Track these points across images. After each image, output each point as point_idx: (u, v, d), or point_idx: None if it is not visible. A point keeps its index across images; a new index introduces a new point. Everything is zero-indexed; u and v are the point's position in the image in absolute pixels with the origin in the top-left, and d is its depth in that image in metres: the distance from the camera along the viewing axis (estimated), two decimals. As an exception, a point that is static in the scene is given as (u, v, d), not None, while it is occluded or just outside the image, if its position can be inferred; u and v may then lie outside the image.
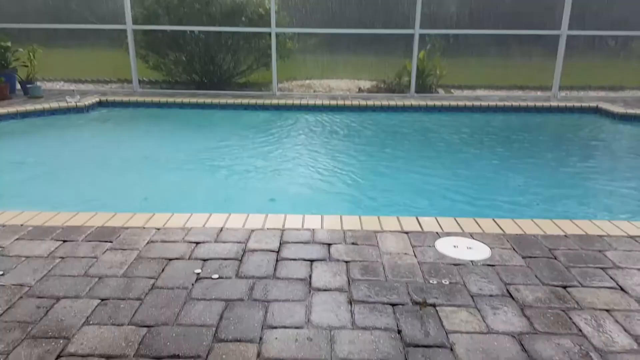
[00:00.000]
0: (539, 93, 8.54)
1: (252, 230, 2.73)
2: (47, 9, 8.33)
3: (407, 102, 7.44)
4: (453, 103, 7.42)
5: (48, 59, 7.85)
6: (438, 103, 7.42)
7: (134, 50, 7.94)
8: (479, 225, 2.83)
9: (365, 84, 8.84)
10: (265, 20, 7.89)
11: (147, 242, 2.57)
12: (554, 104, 7.44)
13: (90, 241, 2.59)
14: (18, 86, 7.53)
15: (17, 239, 2.61)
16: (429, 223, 2.86)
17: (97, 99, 7.17)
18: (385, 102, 7.43)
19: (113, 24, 7.95)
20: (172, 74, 8.64)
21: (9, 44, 7.34)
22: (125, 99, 7.32)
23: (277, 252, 2.47)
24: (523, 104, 7.42)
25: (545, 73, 8.15)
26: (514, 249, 2.54)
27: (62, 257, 2.40)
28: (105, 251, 2.47)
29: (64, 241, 2.58)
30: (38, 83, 7.48)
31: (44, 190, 4.05)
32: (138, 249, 2.50)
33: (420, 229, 2.78)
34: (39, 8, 8.31)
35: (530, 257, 2.46)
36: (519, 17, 8.31)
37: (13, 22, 7.94)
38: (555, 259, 2.44)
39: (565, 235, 2.72)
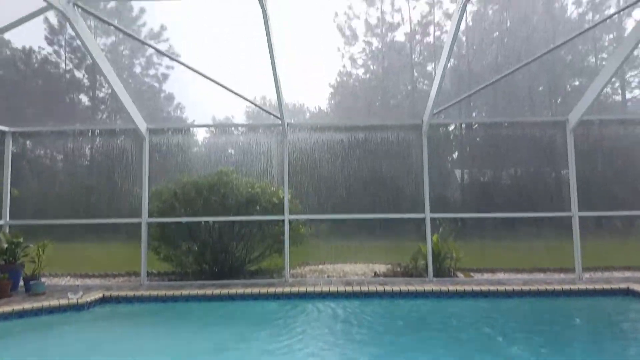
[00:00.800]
0: (562, 275, 8.21)
1: None
2: (63, 204, 8.70)
3: (427, 287, 7.04)
4: (476, 288, 7.01)
5: (58, 253, 7.80)
6: (460, 288, 7.00)
7: (146, 243, 7.95)
8: None
9: (381, 267, 8.60)
10: (279, 208, 8.11)
11: None
12: (581, 286, 7.04)
13: None
14: (22, 282, 7.29)
15: None
16: None
17: (101, 295, 6.82)
18: (404, 287, 7.04)
19: (129, 217, 8.16)
20: (183, 264, 8.49)
21: (20, 239, 7.38)
22: (130, 293, 6.97)
23: None
24: (549, 287, 7.00)
25: (564, 254, 7.97)
26: None
27: None
28: None
29: None
30: (43, 279, 7.26)
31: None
32: None
33: None
34: (54, 205, 8.69)
35: None
36: (527, 199, 8.57)
37: (30, 218, 8.20)
38: None
39: None
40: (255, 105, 8.96)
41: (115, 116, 9.89)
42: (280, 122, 8.04)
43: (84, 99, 10.47)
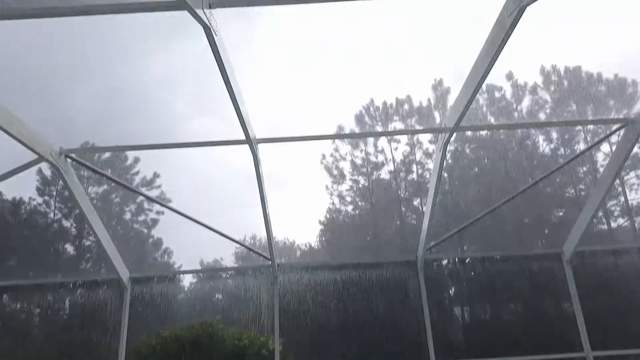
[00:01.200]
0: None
1: None
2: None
3: None
4: None
5: None
6: None
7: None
8: None
9: None
10: (269, 362, 7.42)
11: None
12: None
13: None
14: None
15: None
16: None
17: None
18: None
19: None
20: None
21: None
22: None
23: None
24: None
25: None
26: None
27: None
28: None
29: None
30: None
31: None
32: None
33: None
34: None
35: None
36: (534, 337, 8.05)
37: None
38: None
39: None
40: (245, 247, 8.85)
41: (100, 264, 9.61)
42: (270, 262, 7.81)
43: (69, 248, 10.28)
